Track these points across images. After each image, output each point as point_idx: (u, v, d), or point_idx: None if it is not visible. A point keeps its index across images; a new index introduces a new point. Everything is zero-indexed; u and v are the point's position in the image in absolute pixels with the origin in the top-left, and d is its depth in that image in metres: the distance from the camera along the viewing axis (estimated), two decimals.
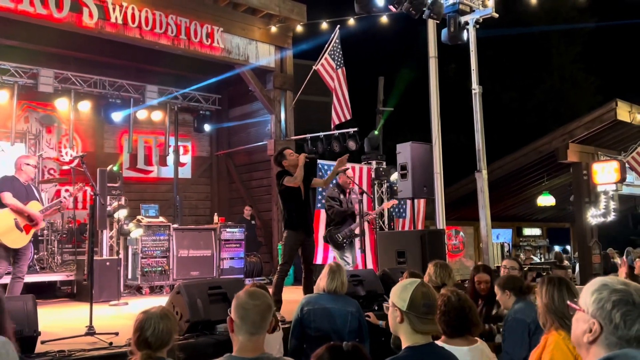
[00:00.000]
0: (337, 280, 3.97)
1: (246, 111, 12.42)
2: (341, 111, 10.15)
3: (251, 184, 12.32)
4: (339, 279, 3.99)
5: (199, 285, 4.85)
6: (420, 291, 2.31)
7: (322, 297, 3.95)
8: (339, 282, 3.97)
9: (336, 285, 3.96)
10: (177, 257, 9.00)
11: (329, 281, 3.95)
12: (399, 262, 7.25)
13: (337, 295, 3.96)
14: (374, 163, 10.55)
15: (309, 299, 3.99)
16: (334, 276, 3.98)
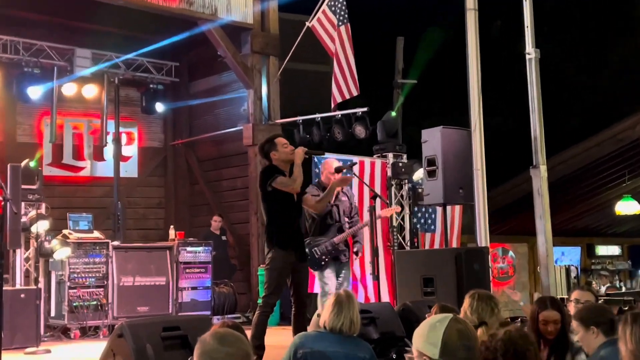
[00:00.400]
0: (346, 317, 3.94)
1: (214, 85, 12.40)
2: (345, 85, 10.14)
3: (221, 186, 12.30)
4: (349, 314, 3.95)
5: (150, 326, 4.85)
6: (455, 329, 2.30)
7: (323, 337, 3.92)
8: (347, 320, 3.93)
9: (343, 322, 3.92)
10: (119, 286, 8.98)
11: (334, 316, 3.92)
12: (426, 292, 7.23)
13: (343, 336, 3.93)
14: (391, 156, 10.55)
15: (305, 338, 3.96)
16: (341, 310, 3.94)
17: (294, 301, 5.90)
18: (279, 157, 5.84)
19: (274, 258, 5.75)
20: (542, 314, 4.39)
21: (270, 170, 5.88)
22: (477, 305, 4.21)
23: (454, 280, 7.06)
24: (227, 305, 10.24)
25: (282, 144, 5.89)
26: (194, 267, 9.68)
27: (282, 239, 5.77)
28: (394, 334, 5.96)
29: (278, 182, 5.71)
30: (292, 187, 5.72)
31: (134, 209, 12.40)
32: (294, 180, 5.72)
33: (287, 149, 5.86)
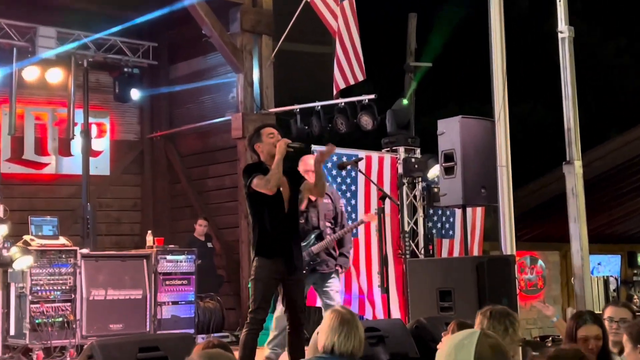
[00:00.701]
0: (356, 337, 3.94)
1: (197, 68, 12.39)
2: (349, 69, 10.13)
3: (206, 185, 12.29)
4: (358, 333, 3.96)
5: (124, 346, 4.85)
6: (488, 345, 2.31)
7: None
8: (357, 341, 3.94)
9: (354, 344, 3.92)
10: (88, 300, 8.96)
11: (345, 338, 3.91)
12: (443, 307, 7.20)
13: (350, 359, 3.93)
14: (402, 150, 10.54)
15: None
16: (350, 329, 3.94)
17: (287, 318, 5.90)
18: (263, 150, 5.83)
19: (257, 267, 5.77)
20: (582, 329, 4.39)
21: (249, 168, 5.87)
22: (490, 324, 4.20)
23: (474, 293, 7.04)
24: (213, 323, 10.22)
25: (267, 134, 5.86)
26: (175, 279, 9.64)
27: (267, 246, 5.77)
28: (406, 355, 5.96)
29: (254, 183, 5.69)
30: (267, 188, 5.66)
31: (105, 211, 12.38)
32: (267, 180, 5.64)
33: (272, 140, 5.81)
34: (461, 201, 7.84)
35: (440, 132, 8.05)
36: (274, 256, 5.75)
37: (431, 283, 7.39)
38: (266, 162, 5.79)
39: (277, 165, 5.64)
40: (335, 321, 3.99)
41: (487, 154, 7.96)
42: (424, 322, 6.37)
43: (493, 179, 7.95)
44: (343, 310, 4.06)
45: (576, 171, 7.46)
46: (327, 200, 7.16)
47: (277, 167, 5.64)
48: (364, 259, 9.65)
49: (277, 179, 5.65)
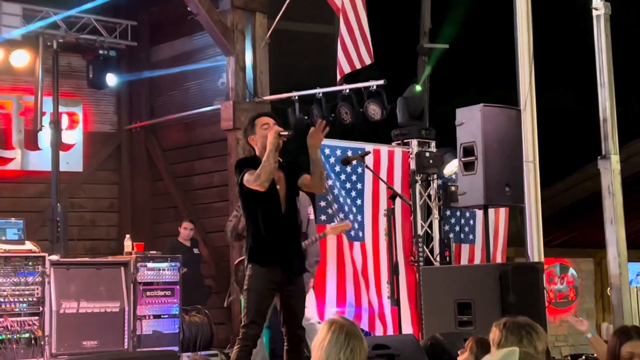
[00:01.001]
0: (361, 352, 3.95)
1: (183, 50, 12.38)
2: (355, 51, 10.14)
3: (192, 183, 12.30)
4: (362, 348, 3.97)
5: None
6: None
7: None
8: (362, 356, 3.95)
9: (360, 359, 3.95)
10: (59, 314, 8.94)
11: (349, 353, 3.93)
12: (461, 322, 7.25)
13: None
14: (415, 143, 10.55)
15: None
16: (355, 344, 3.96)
17: (285, 333, 5.92)
18: (257, 143, 5.84)
19: (251, 276, 5.78)
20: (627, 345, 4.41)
21: (242, 162, 5.87)
22: (501, 335, 4.19)
23: (497, 306, 7.08)
24: (201, 339, 10.20)
25: (261, 125, 5.86)
26: (157, 289, 9.63)
27: (261, 252, 5.79)
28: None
29: (245, 180, 5.70)
30: (258, 184, 5.65)
31: (78, 212, 12.38)
32: (257, 175, 5.63)
33: (267, 131, 5.79)
34: (482, 201, 7.84)
35: (459, 123, 8.05)
36: (269, 264, 5.75)
37: (448, 294, 7.42)
38: (261, 156, 5.79)
39: (268, 157, 5.62)
40: (340, 334, 3.99)
41: (512, 148, 7.98)
42: (440, 339, 6.40)
43: (519, 177, 7.97)
44: (344, 321, 4.05)
45: (613, 167, 7.48)
46: None
47: (267, 159, 5.62)
48: (372, 267, 9.66)
49: (268, 173, 5.63)
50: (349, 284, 9.58)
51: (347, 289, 9.59)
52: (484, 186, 7.78)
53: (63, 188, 11.78)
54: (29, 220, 10.08)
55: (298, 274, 5.96)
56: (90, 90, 12.36)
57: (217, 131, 11.23)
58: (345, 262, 9.50)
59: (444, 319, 7.33)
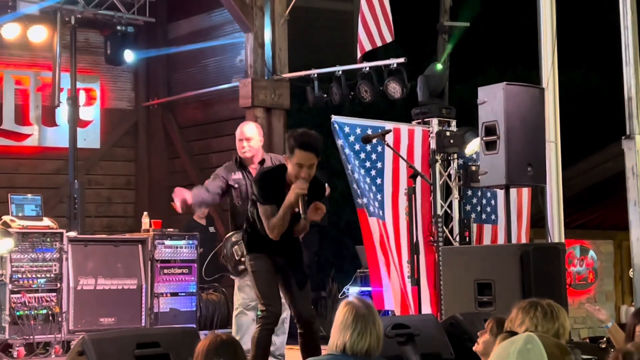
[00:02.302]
0: (372, 334, 3.95)
1: (200, 27, 12.36)
2: (375, 28, 10.09)
3: (209, 161, 12.29)
4: (375, 330, 3.97)
5: (120, 341, 4.85)
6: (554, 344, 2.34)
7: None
8: (374, 338, 3.95)
9: (370, 343, 3.94)
10: (76, 290, 9.01)
11: (358, 336, 3.92)
12: (481, 302, 7.22)
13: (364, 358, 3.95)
14: (435, 122, 10.48)
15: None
16: (366, 326, 3.96)
17: (294, 317, 5.96)
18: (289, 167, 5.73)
19: (252, 259, 5.87)
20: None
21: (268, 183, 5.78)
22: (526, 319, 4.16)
23: (518, 286, 7.06)
24: (217, 317, 10.26)
25: (297, 162, 5.67)
26: (175, 267, 9.68)
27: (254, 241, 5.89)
28: (439, 355, 5.98)
29: (262, 210, 5.72)
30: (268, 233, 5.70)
31: (95, 189, 12.44)
32: (270, 227, 5.66)
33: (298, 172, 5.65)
34: (504, 181, 7.79)
35: (481, 101, 8.00)
36: (262, 250, 5.86)
37: (468, 274, 7.41)
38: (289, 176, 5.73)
39: (285, 215, 5.63)
40: (349, 316, 3.99)
41: (534, 127, 7.92)
42: (460, 319, 6.38)
43: (541, 156, 7.93)
44: (358, 303, 4.06)
45: (637, 147, 7.44)
46: None
47: (283, 218, 5.64)
48: (394, 246, 9.65)
49: (281, 231, 5.67)
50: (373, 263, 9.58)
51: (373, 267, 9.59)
52: (506, 166, 7.73)
53: (80, 165, 11.84)
54: (47, 196, 10.13)
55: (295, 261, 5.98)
56: (108, 66, 12.39)
57: (235, 109, 11.22)
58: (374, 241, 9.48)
59: (464, 299, 7.32)
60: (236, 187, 7.13)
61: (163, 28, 12.78)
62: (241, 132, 7.20)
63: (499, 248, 8.78)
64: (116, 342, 4.84)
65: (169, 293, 9.61)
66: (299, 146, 5.65)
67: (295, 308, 5.90)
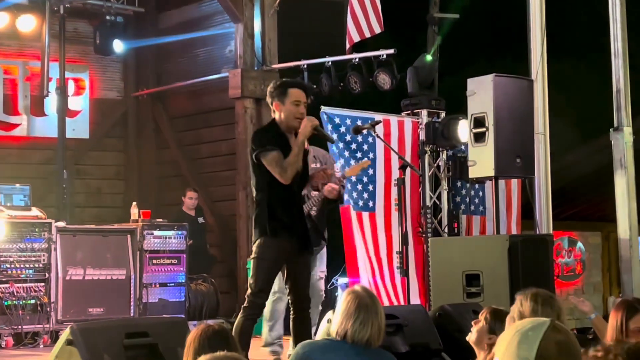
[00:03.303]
0: (374, 325, 3.95)
1: (191, 17, 12.34)
2: (364, 19, 10.09)
3: (199, 151, 12.30)
4: (377, 321, 3.98)
5: (108, 331, 4.84)
6: (554, 341, 2.30)
7: (337, 347, 3.94)
8: (376, 329, 3.96)
9: (371, 333, 3.95)
10: (65, 280, 9.00)
11: (360, 325, 3.93)
12: (469, 293, 7.25)
13: (366, 349, 3.95)
14: (425, 113, 10.50)
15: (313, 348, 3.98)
16: (368, 316, 3.96)
17: (291, 301, 5.94)
18: (282, 114, 5.74)
19: (263, 245, 5.78)
20: (635, 319, 4.39)
21: (264, 134, 5.81)
22: (538, 309, 4.20)
23: (506, 277, 7.09)
24: (206, 308, 10.28)
25: (294, 100, 5.71)
26: (164, 257, 9.68)
27: (273, 223, 5.77)
28: (427, 346, 5.97)
29: (267, 159, 5.64)
30: (281, 177, 5.64)
31: (84, 180, 12.41)
32: (284, 168, 5.62)
33: (297, 110, 5.71)
34: (493, 172, 7.83)
35: (470, 93, 8.02)
36: (284, 235, 5.76)
37: (456, 265, 7.44)
38: (280, 124, 5.76)
39: (299, 153, 5.63)
40: (352, 305, 4.01)
41: (523, 119, 7.96)
42: (449, 310, 6.39)
43: (529, 148, 7.95)
44: (362, 292, 4.07)
45: (626, 139, 7.46)
46: (316, 164, 7.10)
47: (297, 156, 5.63)
48: (384, 238, 9.65)
49: (295, 170, 5.64)
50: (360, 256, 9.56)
51: (359, 260, 9.57)
52: (495, 157, 7.76)
53: (69, 155, 11.82)
54: (35, 186, 10.09)
55: (306, 247, 5.97)
56: (97, 56, 12.35)
57: (225, 99, 11.22)
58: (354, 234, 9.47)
59: (452, 290, 7.34)
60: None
61: (152, 18, 12.74)
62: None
63: (487, 239, 8.81)
64: (105, 331, 4.83)
65: (157, 283, 9.61)
66: (291, 85, 5.80)
67: (293, 293, 5.89)
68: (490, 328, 4.30)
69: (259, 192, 5.85)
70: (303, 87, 5.93)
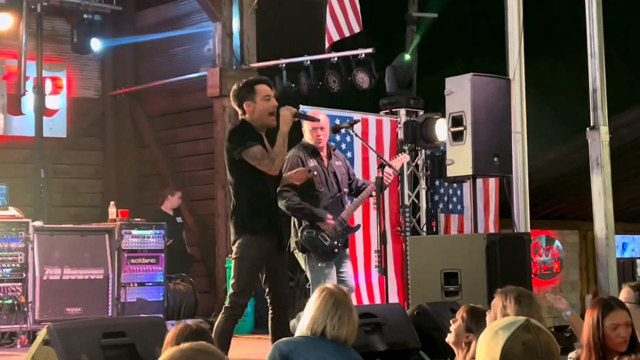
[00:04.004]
0: (350, 322, 3.98)
1: (169, 16, 12.32)
2: (343, 19, 10.10)
3: (178, 150, 12.28)
4: (352, 318, 4.00)
5: (86, 331, 4.83)
6: (521, 341, 2.29)
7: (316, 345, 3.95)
8: (352, 326, 3.98)
9: (348, 330, 3.97)
10: (42, 280, 8.96)
11: (338, 322, 3.96)
12: (448, 291, 7.26)
13: (342, 345, 3.97)
14: (403, 113, 10.54)
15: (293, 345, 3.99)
16: (344, 313, 3.98)
17: (270, 301, 5.96)
18: (255, 112, 5.78)
19: (244, 245, 5.79)
20: (610, 316, 4.43)
21: (241, 130, 5.83)
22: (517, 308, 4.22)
23: (484, 276, 7.11)
24: (185, 308, 10.26)
25: (264, 95, 5.80)
26: (142, 257, 9.65)
27: (256, 222, 5.79)
28: (405, 344, 5.99)
29: (250, 155, 5.67)
30: (269, 169, 5.69)
31: (62, 179, 12.36)
32: (272, 159, 5.66)
33: (269, 104, 5.78)
34: (471, 171, 7.86)
35: (448, 92, 8.04)
36: (263, 233, 5.76)
37: (435, 264, 7.45)
38: (252, 123, 5.78)
39: (284, 142, 5.68)
40: (329, 302, 4.02)
41: (500, 118, 7.99)
42: (427, 308, 6.42)
43: (507, 147, 7.98)
44: (336, 290, 4.10)
45: (602, 138, 7.50)
46: (339, 162, 7.15)
47: (283, 145, 5.68)
48: (362, 237, 9.67)
49: (282, 161, 5.74)
50: None
51: None
52: (473, 156, 7.79)
53: (47, 154, 11.76)
54: (12, 185, 10.03)
55: (284, 246, 6.02)
56: (74, 55, 12.28)
57: (204, 98, 11.21)
58: None
59: (431, 289, 7.35)
60: (315, 174, 6.87)
61: (130, 16, 12.70)
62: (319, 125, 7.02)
63: (465, 238, 8.85)
64: (82, 331, 4.82)
65: (136, 283, 9.58)
66: (257, 82, 5.85)
67: (272, 293, 5.91)
68: (467, 327, 4.32)
69: (238, 191, 5.86)
70: (267, 82, 5.98)
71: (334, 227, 6.81)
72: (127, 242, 9.55)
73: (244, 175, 5.80)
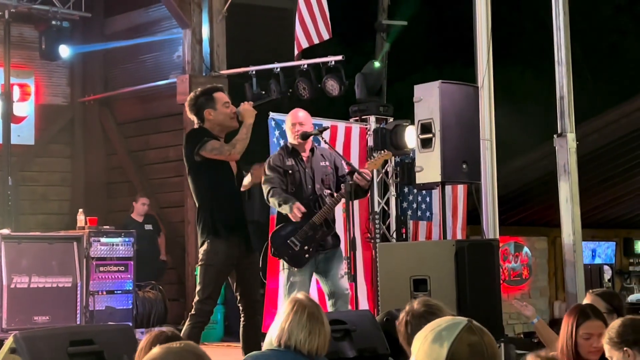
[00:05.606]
0: (321, 333, 3.94)
1: (138, 22, 12.30)
2: (313, 26, 10.12)
3: (147, 157, 12.25)
4: (324, 329, 3.97)
5: (53, 339, 4.80)
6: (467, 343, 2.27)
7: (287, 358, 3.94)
8: (323, 338, 3.95)
9: (318, 343, 3.93)
10: (10, 288, 8.90)
11: (309, 334, 3.92)
12: (417, 297, 7.26)
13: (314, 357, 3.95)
14: (373, 120, 10.56)
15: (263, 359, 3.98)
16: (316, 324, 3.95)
17: (242, 308, 5.95)
18: (215, 119, 5.84)
19: (210, 251, 5.80)
20: (585, 325, 4.45)
21: (198, 133, 5.86)
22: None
23: (453, 282, 7.13)
24: (154, 315, 10.24)
25: (222, 102, 5.87)
26: (111, 265, 9.62)
27: (221, 225, 5.81)
28: (375, 351, 5.98)
29: (208, 147, 5.72)
30: (230, 153, 5.74)
31: (30, 186, 12.29)
32: (233, 145, 5.74)
33: (229, 110, 5.85)
34: (439, 178, 7.90)
35: (417, 99, 8.08)
36: (229, 237, 5.76)
37: (404, 270, 7.43)
38: (212, 130, 5.82)
39: (248, 132, 5.76)
40: (301, 315, 3.98)
41: (469, 125, 8.01)
42: (396, 314, 6.38)
43: (476, 154, 8.01)
44: (307, 301, 4.06)
45: (569, 145, 7.54)
46: (325, 162, 7.08)
47: (248, 133, 5.76)
48: None
49: (244, 146, 5.75)
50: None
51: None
52: (442, 163, 7.83)
53: (14, 161, 11.69)
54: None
55: (252, 248, 6.02)
56: (43, 61, 12.24)
57: (173, 105, 11.19)
58: None
59: (400, 295, 7.35)
60: (290, 174, 6.82)
61: (99, 23, 12.68)
62: (295, 116, 6.97)
63: (435, 244, 8.86)
64: (49, 339, 4.78)
65: (104, 291, 9.55)
66: (213, 90, 5.97)
67: (244, 299, 5.92)
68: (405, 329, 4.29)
69: (201, 195, 5.89)
70: (223, 89, 6.14)
71: (304, 231, 6.81)
72: (95, 250, 9.51)
73: (206, 178, 5.84)
